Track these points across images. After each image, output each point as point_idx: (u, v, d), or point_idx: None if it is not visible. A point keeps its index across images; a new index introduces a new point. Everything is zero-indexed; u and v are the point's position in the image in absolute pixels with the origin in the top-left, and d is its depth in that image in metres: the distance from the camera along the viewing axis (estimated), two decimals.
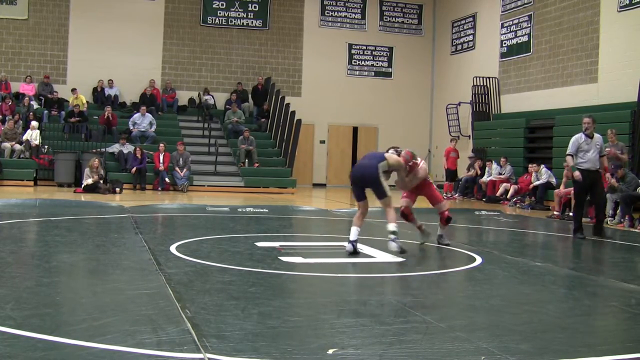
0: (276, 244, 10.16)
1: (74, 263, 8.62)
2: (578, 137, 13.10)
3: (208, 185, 23.58)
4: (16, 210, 14.75)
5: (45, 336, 4.91)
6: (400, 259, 9.25)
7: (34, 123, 23.51)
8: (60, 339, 4.85)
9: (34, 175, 22.87)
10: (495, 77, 26.37)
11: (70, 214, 14.33)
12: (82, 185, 20.92)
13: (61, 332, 5.01)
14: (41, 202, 16.66)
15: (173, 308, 5.90)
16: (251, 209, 16.64)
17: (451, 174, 25.26)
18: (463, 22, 29.01)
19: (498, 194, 22.28)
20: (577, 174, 13.02)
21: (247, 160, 24.92)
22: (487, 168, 23.59)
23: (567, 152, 13.24)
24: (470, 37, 28.47)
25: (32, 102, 25.66)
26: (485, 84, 26.52)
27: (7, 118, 23.84)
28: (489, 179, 23.17)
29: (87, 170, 21.11)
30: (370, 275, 8.03)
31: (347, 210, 17.87)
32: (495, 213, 18.44)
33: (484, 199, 22.71)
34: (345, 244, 9.58)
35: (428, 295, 7.07)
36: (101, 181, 21.09)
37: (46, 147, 23.42)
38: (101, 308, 5.82)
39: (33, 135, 23.23)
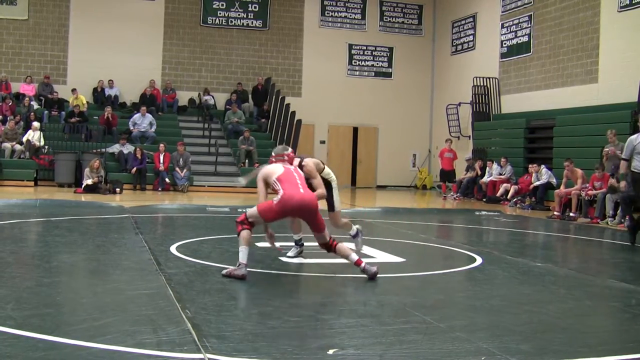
0: (276, 244, 10.14)
1: (75, 263, 8.62)
2: (633, 139, 11.77)
3: (208, 186, 23.57)
4: (16, 211, 14.76)
5: (45, 336, 4.91)
6: (400, 259, 9.25)
7: (36, 124, 23.50)
8: (61, 339, 4.86)
9: (34, 175, 22.87)
10: (495, 78, 26.37)
11: (70, 214, 14.33)
12: (82, 186, 20.91)
13: (61, 332, 5.01)
14: (41, 202, 16.65)
15: (173, 308, 5.90)
16: None
17: (446, 175, 25.23)
18: (463, 22, 29.01)
19: (498, 194, 22.27)
20: (623, 184, 12.23)
21: (247, 161, 24.91)
22: (487, 168, 23.58)
23: (622, 156, 12.05)
24: (471, 38, 28.48)
25: (32, 103, 25.66)
26: (485, 84, 26.51)
27: (8, 118, 23.85)
28: (489, 179, 23.16)
29: (87, 171, 21.11)
30: None
31: (347, 211, 17.87)
32: (496, 213, 18.43)
33: (484, 199, 22.69)
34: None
35: (428, 295, 7.07)
36: (101, 182, 21.10)
37: (46, 147, 23.42)
38: (101, 308, 5.82)
39: (35, 136, 23.22)
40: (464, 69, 28.37)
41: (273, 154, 8.26)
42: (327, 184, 8.95)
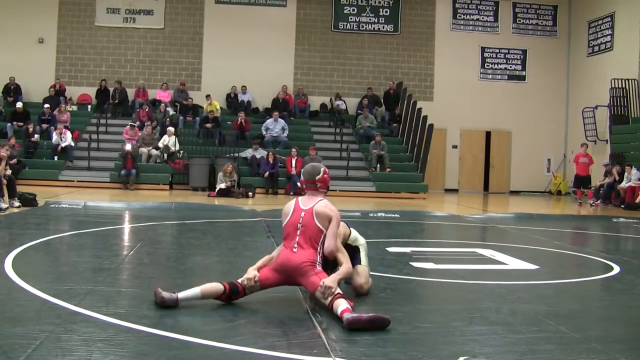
0: (407, 250, 10.10)
1: (208, 265, 8.80)
2: None
3: (339, 190, 23.65)
4: (152, 214, 15.20)
5: (178, 335, 5.03)
6: (533, 267, 9.04)
7: (171, 129, 24.21)
8: (193, 339, 4.97)
9: (170, 179, 23.54)
10: (635, 79, 25.49)
11: (204, 217, 14.63)
12: (216, 190, 21.38)
13: (194, 332, 5.13)
14: (176, 205, 17.11)
15: (303, 312, 5.94)
16: (382, 214, 16.60)
17: (581, 180, 24.47)
18: (600, 22, 28.18)
19: (638, 200, 21.50)
20: None
21: (378, 165, 24.91)
22: (625, 173, 22.81)
23: None
24: (608, 38, 27.63)
25: (168, 109, 26.46)
26: (624, 86, 25.67)
27: (145, 124, 24.65)
28: (627, 184, 22.39)
29: (220, 175, 21.59)
30: (502, 283, 7.87)
31: (480, 216, 17.63)
32: (635, 220, 17.77)
33: (622, 206, 21.95)
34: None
35: (562, 304, 6.86)
36: (234, 186, 21.52)
37: (181, 152, 24.08)
38: (233, 310, 5.91)
39: (170, 141, 23.92)
40: (601, 71, 27.53)
41: (302, 178, 6.70)
42: (355, 249, 6.90)
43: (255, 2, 28.67)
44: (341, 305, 5.58)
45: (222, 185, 21.29)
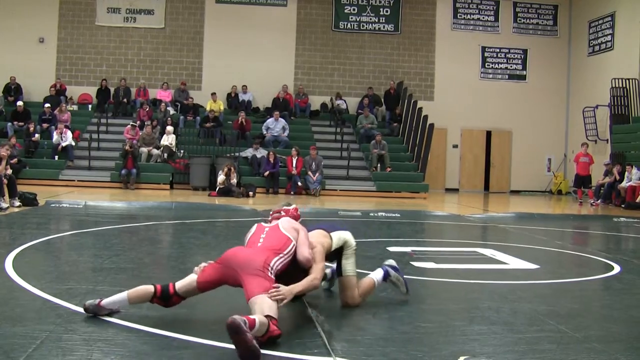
0: (408, 249, 10.09)
1: None
2: None
3: (340, 190, 23.69)
4: (153, 213, 15.21)
5: (179, 335, 5.05)
6: (534, 266, 9.04)
7: (169, 128, 24.22)
8: (194, 339, 4.99)
9: (170, 179, 23.55)
10: (635, 79, 25.48)
11: (204, 217, 14.65)
12: (217, 189, 21.38)
13: (195, 332, 5.14)
14: (177, 205, 17.09)
15: (305, 311, 5.94)
16: (383, 214, 16.59)
17: (582, 180, 24.45)
18: (601, 21, 28.17)
19: (638, 200, 21.50)
20: None
21: (379, 165, 24.91)
22: (626, 173, 22.80)
23: None
24: (609, 38, 27.62)
25: (168, 108, 26.48)
26: (624, 86, 25.66)
27: (145, 123, 24.65)
28: (628, 184, 22.38)
29: (220, 174, 21.61)
30: (503, 282, 7.87)
31: (480, 216, 17.62)
32: (635, 220, 17.77)
33: (622, 206, 21.94)
34: None
35: (563, 303, 6.86)
36: (231, 182, 21.52)
37: (182, 151, 24.09)
38: (234, 309, 5.90)
39: (169, 139, 23.93)
40: (602, 70, 27.54)
41: (270, 212, 6.77)
42: (337, 255, 6.46)
43: (256, 1, 28.69)
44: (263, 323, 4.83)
45: (220, 178, 21.31)
